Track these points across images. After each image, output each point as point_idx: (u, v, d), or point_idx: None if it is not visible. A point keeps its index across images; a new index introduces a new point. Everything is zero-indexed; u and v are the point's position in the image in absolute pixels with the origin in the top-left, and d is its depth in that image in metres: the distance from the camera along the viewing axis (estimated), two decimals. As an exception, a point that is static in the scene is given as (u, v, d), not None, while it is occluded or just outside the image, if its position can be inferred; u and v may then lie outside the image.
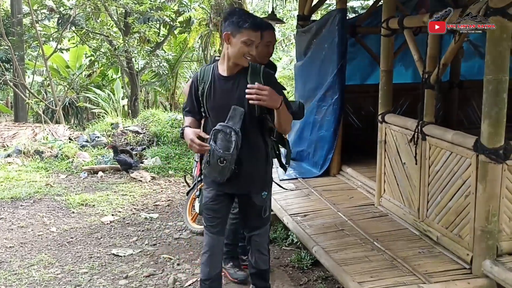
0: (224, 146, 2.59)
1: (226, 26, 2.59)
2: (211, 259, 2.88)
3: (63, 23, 11.21)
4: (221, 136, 2.59)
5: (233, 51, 2.58)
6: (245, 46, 2.56)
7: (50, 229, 4.74)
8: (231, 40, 2.57)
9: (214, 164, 2.61)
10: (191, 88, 2.78)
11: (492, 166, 2.70)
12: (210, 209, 2.84)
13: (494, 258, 2.77)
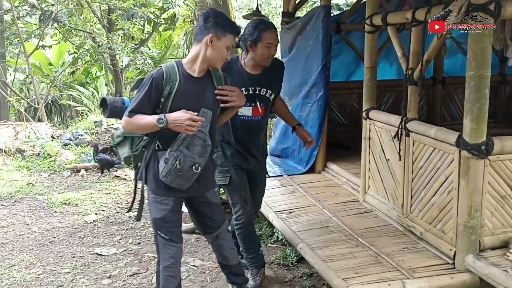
0: (199, 152, 2.55)
1: (210, 28, 2.50)
2: (178, 269, 2.82)
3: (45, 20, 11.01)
4: (197, 141, 2.54)
5: (214, 54, 2.53)
6: (226, 51, 2.56)
7: (31, 228, 4.67)
8: (214, 42, 2.51)
9: (186, 171, 2.54)
10: (151, 88, 2.50)
11: (474, 161, 2.72)
12: (171, 221, 2.69)
13: (477, 253, 2.79)
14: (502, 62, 5.77)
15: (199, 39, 2.54)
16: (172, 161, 2.51)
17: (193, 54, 2.57)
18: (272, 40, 2.89)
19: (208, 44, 2.51)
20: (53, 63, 14.28)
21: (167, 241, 2.69)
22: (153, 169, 2.62)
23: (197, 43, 2.56)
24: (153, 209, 2.68)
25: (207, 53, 2.53)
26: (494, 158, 2.74)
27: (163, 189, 2.61)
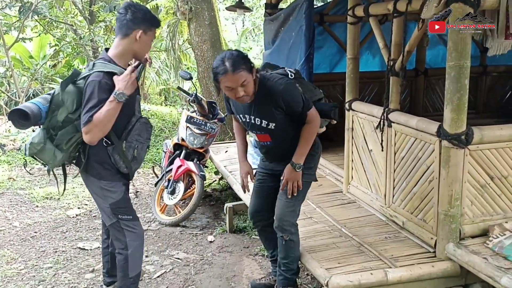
0: (148, 135, 2.76)
1: (139, 23, 2.52)
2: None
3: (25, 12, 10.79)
4: (143, 126, 2.70)
5: (142, 48, 2.60)
6: (150, 44, 2.65)
7: (12, 224, 4.60)
8: (142, 37, 2.55)
9: (142, 155, 2.75)
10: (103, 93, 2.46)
11: (455, 151, 2.74)
12: (128, 200, 2.80)
13: (457, 241, 2.83)
14: (482, 53, 5.84)
15: (126, 33, 2.54)
16: (131, 151, 2.64)
17: (119, 48, 2.58)
18: (230, 84, 2.54)
19: (137, 39, 2.54)
20: (34, 56, 14.03)
21: (132, 220, 2.76)
22: (104, 162, 2.63)
23: (123, 37, 2.55)
24: (109, 196, 2.68)
25: (136, 47, 2.57)
26: (474, 148, 2.78)
27: (116, 174, 2.68)
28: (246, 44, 16.99)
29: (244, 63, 2.56)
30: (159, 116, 9.14)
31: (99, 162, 2.64)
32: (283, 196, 2.84)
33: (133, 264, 2.78)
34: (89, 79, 2.48)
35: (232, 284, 3.40)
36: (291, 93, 2.67)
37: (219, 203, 5.12)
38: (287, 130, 2.78)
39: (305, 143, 2.75)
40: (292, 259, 2.92)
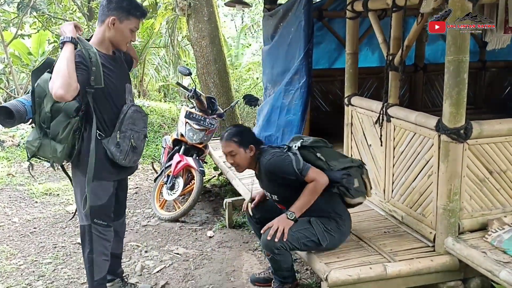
0: (143, 124, 2.72)
1: (112, 10, 2.50)
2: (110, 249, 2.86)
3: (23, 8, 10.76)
4: (137, 115, 2.66)
5: (117, 37, 2.55)
6: (129, 33, 2.57)
7: (12, 219, 4.60)
8: (116, 25, 2.51)
9: (140, 145, 2.69)
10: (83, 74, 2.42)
11: (454, 145, 2.74)
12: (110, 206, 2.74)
13: (456, 236, 2.84)
14: (482, 48, 5.83)
15: (102, 20, 2.53)
16: (127, 141, 2.60)
17: (98, 36, 2.57)
18: (222, 149, 2.92)
19: (109, 27, 2.51)
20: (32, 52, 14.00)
21: (104, 226, 2.72)
22: (96, 157, 2.56)
23: (100, 24, 2.55)
24: (92, 197, 2.60)
25: (110, 35, 2.54)
26: (473, 142, 2.78)
27: (109, 172, 2.64)
28: (245, 40, 16.95)
29: (238, 136, 2.85)
30: (158, 112, 9.13)
31: (100, 163, 2.59)
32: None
33: (98, 268, 2.76)
34: None
35: (232, 279, 3.41)
36: (277, 167, 2.78)
37: (218, 199, 5.12)
38: (293, 196, 2.82)
39: (303, 197, 2.77)
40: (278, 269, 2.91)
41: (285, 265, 2.86)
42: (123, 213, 3.02)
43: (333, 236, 2.82)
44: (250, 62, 14.37)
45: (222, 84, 6.99)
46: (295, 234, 2.75)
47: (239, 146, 2.84)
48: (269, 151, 2.87)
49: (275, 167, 2.79)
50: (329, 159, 2.90)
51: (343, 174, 2.87)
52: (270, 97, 5.26)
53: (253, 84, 11.59)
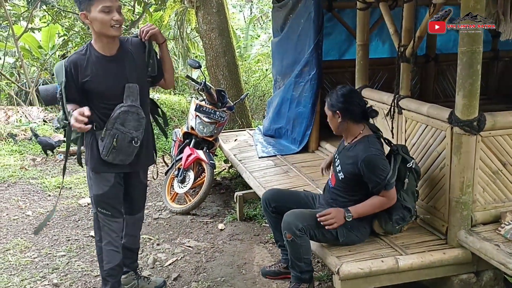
0: (135, 126, 2.63)
1: (79, 8, 2.50)
2: (120, 243, 2.89)
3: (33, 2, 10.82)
4: (131, 116, 2.61)
5: (98, 25, 2.49)
6: (105, 15, 2.47)
7: (25, 213, 4.66)
8: (89, 17, 2.49)
9: (125, 147, 2.62)
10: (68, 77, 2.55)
11: (466, 137, 2.72)
12: (112, 197, 2.76)
13: (469, 228, 2.82)
14: (494, 38, 5.75)
15: (83, 21, 2.57)
16: (109, 139, 2.59)
17: (93, 36, 2.59)
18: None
19: (87, 23, 2.54)
20: (43, 46, 14.07)
21: (109, 216, 2.76)
22: (91, 148, 2.68)
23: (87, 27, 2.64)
24: (94, 186, 2.72)
25: (95, 29, 2.52)
26: (486, 134, 2.75)
27: (104, 165, 2.67)
28: (254, 31, 16.87)
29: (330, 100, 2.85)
30: (168, 105, 9.15)
31: (94, 153, 2.68)
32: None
33: (107, 257, 2.81)
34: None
35: (243, 271, 3.42)
36: (375, 165, 2.70)
37: (229, 191, 5.13)
38: (351, 189, 2.83)
39: (368, 206, 2.77)
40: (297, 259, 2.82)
41: (305, 255, 2.79)
42: (137, 210, 3.00)
43: (351, 233, 2.81)
44: (259, 53, 14.32)
45: (232, 77, 6.98)
46: (318, 221, 2.74)
47: (328, 109, 2.87)
48: (376, 144, 2.79)
49: (374, 164, 2.70)
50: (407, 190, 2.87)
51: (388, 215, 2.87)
52: (280, 89, 5.25)
53: (262, 75, 11.55)
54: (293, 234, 2.70)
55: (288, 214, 2.77)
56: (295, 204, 2.99)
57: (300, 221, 2.70)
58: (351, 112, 2.80)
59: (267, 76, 11.11)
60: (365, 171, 2.72)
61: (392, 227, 2.90)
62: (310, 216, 2.76)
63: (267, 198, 3.09)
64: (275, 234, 3.21)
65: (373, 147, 2.75)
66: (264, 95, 10.40)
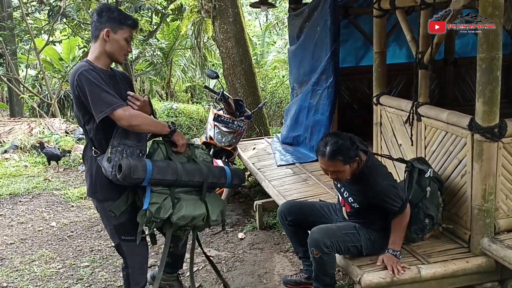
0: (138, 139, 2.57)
1: (104, 22, 2.48)
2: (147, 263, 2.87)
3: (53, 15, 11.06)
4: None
5: (114, 47, 2.50)
6: (125, 43, 2.53)
7: (50, 224, 4.75)
8: (111, 36, 2.48)
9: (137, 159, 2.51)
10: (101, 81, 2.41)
11: (488, 144, 2.69)
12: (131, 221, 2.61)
13: (492, 236, 2.78)
14: (515, 40, 5.66)
15: (96, 35, 2.51)
16: (118, 156, 2.45)
17: (95, 52, 2.52)
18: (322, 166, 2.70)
19: (105, 39, 2.48)
20: (63, 58, 14.38)
21: (132, 241, 2.61)
22: (96, 176, 2.54)
23: (95, 40, 2.52)
24: (111, 217, 2.55)
25: (107, 48, 2.50)
26: (508, 141, 2.72)
27: (117, 191, 2.53)
28: (270, 38, 16.94)
29: (343, 154, 2.59)
30: (187, 114, 9.24)
31: (102, 181, 2.52)
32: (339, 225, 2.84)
33: (134, 280, 2.74)
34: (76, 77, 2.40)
35: (264, 281, 3.43)
36: (387, 196, 2.66)
37: (248, 200, 5.15)
38: (367, 215, 2.81)
39: (399, 233, 2.74)
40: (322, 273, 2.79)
41: (330, 270, 2.78)
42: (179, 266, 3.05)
43: (374, 246, 2.80)
44: (275, 60, 14.36)
45: (249, 85, 7.02)
46: (343, 236, 2.73)
47: (345, 164, 2.60)
48: (379, 170, 2.73)
49: (385, 196, 2.66)
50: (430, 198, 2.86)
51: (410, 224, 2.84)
52: (297, 97, 5.27)
53: (279, 82, 11.58)
54: (321, 251, 2.68)
55: (315, 231, 2.75)
56: (312, 216, 3.00)
57: (328, 238, 2.68)
58: (358, 150, 2.68)
59: (284, 83, 11.14)
60: (379, 203, 2.70)
61: (412, 237, 2.89)
62: (336, 231, 2.75)
63: (283, 212, 3.09)
64: (295, 247, 3.22)
65: (376, 177, 2.68)
66: (282, 102, 10.42)
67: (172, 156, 2.61)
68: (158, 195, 2.51)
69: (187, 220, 2.56)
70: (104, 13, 2.49)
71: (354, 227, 2.79)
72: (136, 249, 2.67)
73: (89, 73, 2.39)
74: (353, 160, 2.64)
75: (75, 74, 2.42)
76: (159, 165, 2.50)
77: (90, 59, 2.52)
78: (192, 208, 2.57)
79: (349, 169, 2.65)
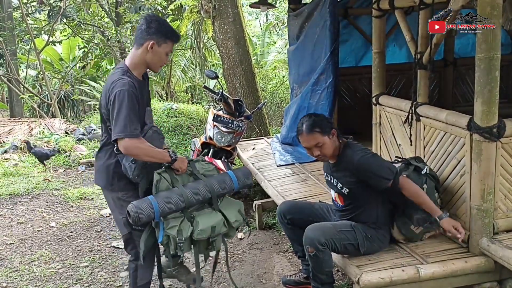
0: (159, 144, 2.70)
1: (151, 34, 2.55)
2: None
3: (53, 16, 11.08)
4: (155, 135, 2.70)
5: (155, 59, 2.60)
6: (165, 56, 2.63)
7: (49, 224, 4.76)
8: (154, 48, 2.57)
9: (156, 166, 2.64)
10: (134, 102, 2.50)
11: (486, 144, 2.69)
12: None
13: (491, 236, 2.78)
14: (514, 40, 5.66)
15: (141, 43, 2.58)
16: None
17: (135, 59, 2.61)
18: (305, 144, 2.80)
19: (148, 50, 2.56)
20: (63, 58, 14.40)
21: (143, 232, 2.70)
22: (114, 171, 2.64)
23: (138, 47, 2.59)
24: (125, 206, 2.60)
25: (148, 58, 2.59)
26: (506, 141, 2.72)
27: (132, 184, 2.67)
28: (270, 38, 16.95)
29: (319, 126, 2.71)
30: (186, 114, 9.22)
31: (120, 175, 2.64)
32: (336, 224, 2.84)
33: (142, 274, 2.80)
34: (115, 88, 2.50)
35: (263, 281, 3.43)
36: (369, 168, 2.68)
37: (247, 200, 5.16)
38: (362, 199, 2.81)
39: (422, 200, 2.70)
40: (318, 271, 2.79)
41: (326, 268, 2.77)
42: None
43: (372, 244, 2.80)
44: (275, 60, 14.37)
45: (249, 85, 7.02)
46: (339, 234, 2.73)
47: (323, 135, 2.72)
48: (357, 147, 2.78)
49: (363, 166, 2.68)
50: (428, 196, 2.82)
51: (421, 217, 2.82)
52: (297, 98, 5.27)
53: (279, 82, 11.58)
54: (316, 249, 2.69)
55: (309, 228, 2.76)
56: (310, 216, 3.00)
57: (322, 235, 2.69)
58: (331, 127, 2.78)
59: (284, 83, 11.14)
60: (365, 176, 2.70)
61: (413, 232, 2.88)
62: (331, 229, 2.75)
63: (282, 211, 3.10)
64: (294, 246, 3.22)
65: (357, 150, 2.73)
66: (282, 102, 10.42)
67: (176, 182, 2.67)
68: (173, 219, 2.59)
69: (208, 232, 2.62)
70: (153, 24, 2.56)
71: (350, 225, 2.79)
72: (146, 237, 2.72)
73: (121, 90, 2.46)
74: (331, 131, 2.73)
75: (112, 82, 2.52)
76: (164, 196, 2.55)
77: (128, 64, 2.62)
78: (207, 219, 2.64)
79: (330, 142, 2.73)
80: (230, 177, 2.79)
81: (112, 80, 2.53)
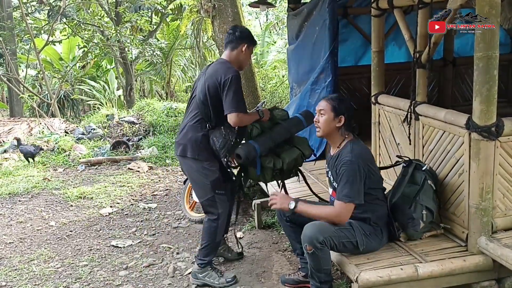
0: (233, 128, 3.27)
1: (244, 39, 3.20)
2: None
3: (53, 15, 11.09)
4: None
5: (244, 59, 3.28)
6: (250, 57, 3.36)
7: (49, 223, 4.76)
8: (246, 50, 3.22)
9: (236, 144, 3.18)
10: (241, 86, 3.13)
11: (485, 143, 2.69)
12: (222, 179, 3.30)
13: (489, 235, 2.79)
14: (513, 40, 5.66)
15: (234, 46, 3.21)
16: (231, 135, 3.15)
17: (232, 58, 3.22)
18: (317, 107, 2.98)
19: (243, 51, 3.22)
20: (63, 58, 14.40)
21: (223, 196, 3.29)
22: (203, 143, 3.18)
23: (232, 50, 3.22)
24: (209, 174, 3.23)
25: (241, 58, 3.25)
26: (505, 139, 2.72)
27: (214, 156, 3.22)
28: (270, 38, 16.96)
29: (337, 102, 2.85)
30: (186, 114, 9.23)
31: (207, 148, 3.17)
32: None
33: (220, 231, 3.39)
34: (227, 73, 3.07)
35: (262, 280, 3.44)
36: (342, 171, 2.73)
37: (247, 199, 5.15)
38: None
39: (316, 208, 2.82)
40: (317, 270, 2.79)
41: (325, 266, 2.77)
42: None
43: (370, 241, 2.81)
44: (275, 59, 14.37)
45: (249, 84, 7.03)
46: (337, 232, 2.73)
47: (332, 111, 2.82)
48: (358, 149, 2.80)
49: (344, 171, 2.72)
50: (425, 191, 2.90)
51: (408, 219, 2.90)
52: (296, 97, 5.27)
53: (279, 82, 11.59)
54: (314, 247, 2.69)
55: (308, 226, 2.76)
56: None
57: (320, 233, 2.69)
58: (350, 120, 2.84)
59: (283, 83, 11.15)
60: (339, 176, 2.74)
61: (410, 233, 2.91)
62: (330, 227, 2.75)
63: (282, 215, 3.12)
64: (292, 244, 3.23)
65: (354, 152, 2.74)
66: (281, 102, 10.42)
67: (264, 129, 3.25)
68: (264, 158, 3.17)
69: (292, 164, 3.25)
70: (244, 32, 3.24)
71: (348, 223, 2.79)
72: (226, 202, 3.33)
73: (234, 76, 3.07)
74: (340, 114, 2.81)
75: (221, 68, 3.13)
76: (260, 140, 3.14)
77: (232, 61, 3.21)
78: (290, 154, 3.25)
79: (331, 121, 2.83)
80: (299, 119, 3.34)
81: (220, 67, 3.12)
